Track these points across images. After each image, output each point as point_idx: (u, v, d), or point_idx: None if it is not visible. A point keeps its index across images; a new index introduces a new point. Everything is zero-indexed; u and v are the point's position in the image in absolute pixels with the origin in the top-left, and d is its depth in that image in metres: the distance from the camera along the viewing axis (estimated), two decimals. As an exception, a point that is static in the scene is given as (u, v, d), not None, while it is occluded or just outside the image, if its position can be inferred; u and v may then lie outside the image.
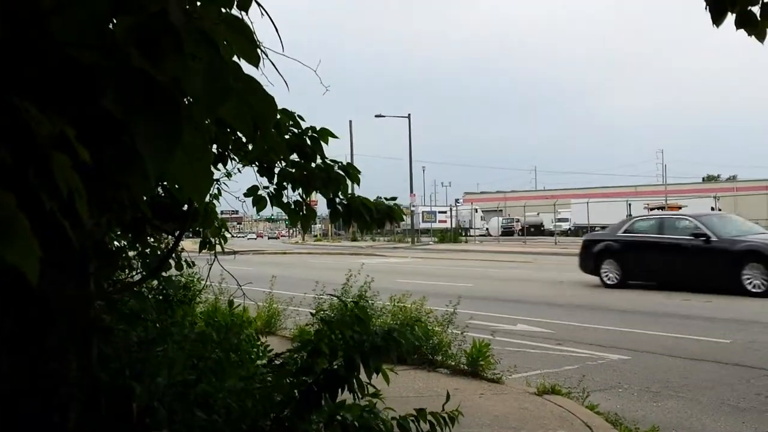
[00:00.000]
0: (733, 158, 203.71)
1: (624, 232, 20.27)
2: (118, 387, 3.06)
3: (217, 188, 4.53)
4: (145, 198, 3.42)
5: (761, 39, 3.83)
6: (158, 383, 3.28)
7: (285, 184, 4.07)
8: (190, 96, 1.32)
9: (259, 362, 4.85)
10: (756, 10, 3.79)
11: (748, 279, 16.72)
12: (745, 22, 3.81)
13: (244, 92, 1.34)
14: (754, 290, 16.50)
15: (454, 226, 63.57)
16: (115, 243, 4.44)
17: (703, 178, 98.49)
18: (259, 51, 1.53)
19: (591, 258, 20.43)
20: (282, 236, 76.14)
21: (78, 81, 1.46)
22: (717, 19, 3.82)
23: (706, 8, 3.81)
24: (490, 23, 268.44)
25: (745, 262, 16.85)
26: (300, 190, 4.05)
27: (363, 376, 3.54)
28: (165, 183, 3.25)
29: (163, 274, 4.66)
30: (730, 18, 3.83)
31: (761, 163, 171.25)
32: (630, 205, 49.60)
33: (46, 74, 1.55)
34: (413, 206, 60.05)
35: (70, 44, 1.40)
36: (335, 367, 3.57)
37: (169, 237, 4.48)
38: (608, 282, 19.62)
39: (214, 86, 1.26)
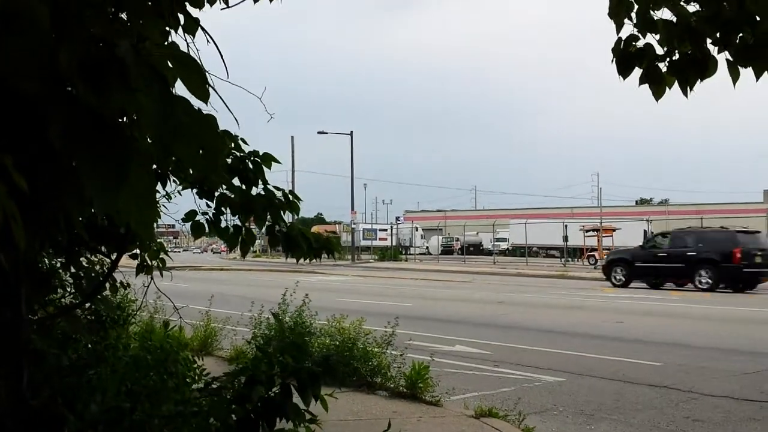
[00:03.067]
0: (665, 183, 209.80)
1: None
2: (50, 415, 2.96)
3: (157, 211, 4.44)
4: (81, 219, 3.34)
5: (657, 96, 3.94)
6: (92, 410, 3.19)
7: (224, 209, 4.01)
8: (141, 132, 1.30)
9: (195, 386, 4.75)
10: (663, 66, 3.89)
11: None
12: (650, 78, 3.92)
13: (194, 128, 1.32)
14: None
15: (394, 244, 63.75)
16: (48, 263, 4.31)
17: (636, 202, 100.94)
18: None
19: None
20: (222, 251, 75.26)
21: (20, 112, 1.41)
22: (623, 73, 3.93)
23: (612, 61, 3.92)
24: (434, 44, 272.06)
25: None
26: (238, 216, 4.00)
27: (301, 403, 3.51)
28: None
29: (97, 296, 4.55)
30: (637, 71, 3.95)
31: (692, 187, 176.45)
32: (566, 226, 50.52)
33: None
34: (354, 223, 60.05)
35: (11, 74, 1.36)
36: (272, 394, 3.52)
37: (104, 258, 4.38)
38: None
39: (164, 123, 1.24)
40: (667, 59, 3.89)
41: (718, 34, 3.73)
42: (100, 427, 3.14)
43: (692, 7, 3.84)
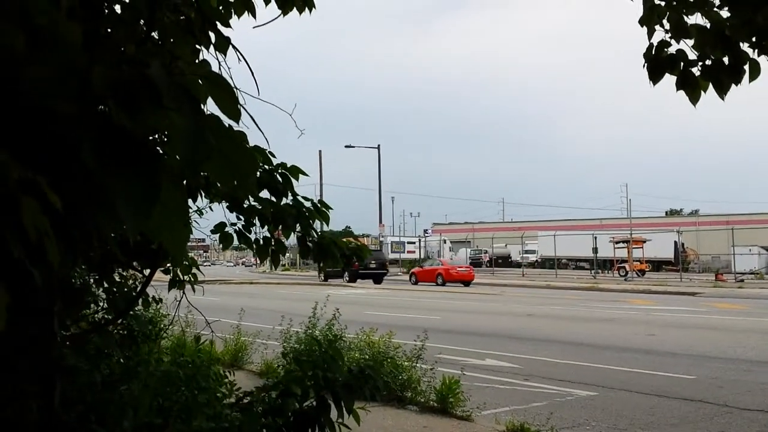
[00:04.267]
0: (695, 193, 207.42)
1: None
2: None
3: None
4: (114, 236, 3.36)
5: (694, 101, 3.91)
6: (124, 427, 3.20)
7: (254, 221, 4.04)
8: (171, 153, 1.30)
9: (226, 401, 4.76)
10: (696, 71, 3.87)
11: None
12: (685, 84, 3.90)
13: (225, 148, 1.32)
14: None
15: (422, 256, 63.63)
16: (81, 279, 4.35)
17: (666, 213, 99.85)
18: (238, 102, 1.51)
19: None
20: (250, 264, 75.68)
21: (54, 131, 1.42)
22: (654, 78, 3.90)
23: (643, 66, 3.90)
24: (457, 57, 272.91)
25: None
26: (267, 227, 4.02)
27: (333, 415, 3.49)
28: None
29: (130, 312, 4.58)
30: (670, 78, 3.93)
31: (723, 198, 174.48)
32: (596, 238, 50.09)
33: (20, 122, 1.52)
34: (382, 236, 60.07)
35: (45, 95, 1.36)
36: (306, 407, 3.51)
37: (137, 273, 4.41)
38: None
39: (195, 143, 1.24)
40: (700, 64, 3.87)
41: (754, 38, 3.69)
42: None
43: (725, 13, 3.81)
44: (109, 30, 2.73)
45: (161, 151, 1.51)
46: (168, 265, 4.30)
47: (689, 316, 20.92)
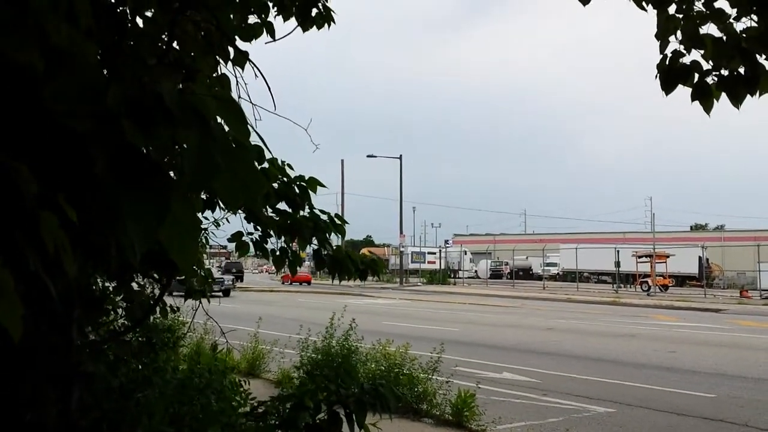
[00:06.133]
0: (720, 208, 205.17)
1: None
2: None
3: (205, 236, 4.53)
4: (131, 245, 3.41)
5: (707, 110, 3.91)
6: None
7: (270, 231, 4.08)
8: (181, 170, 1.33)
9: (241, 410, 4.79)
10: (710, 80, 3.87)
11: None
12: (699, 94, 3.90)
13: (234, 166, 1.35)
14: None
15: (443, 267, 63.52)
16: (101, 287, 4.41)
17: (691, 227, 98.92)
18: (252, 109, 1.54)
19: None
20: (270, 272, 75.95)
21: (70, 148, 1.46)
22: (667, 89, 3.91)
23: (656, 77, 3.90)
24: (479, 67, 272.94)
25: None
26: (284, 239, 4.07)
27: (346, 430, 3.51)
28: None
29: (148, 320, 4.63)
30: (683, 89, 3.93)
31: (748, 213, 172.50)
32: (618, 251, 49.70)
33: (38, 138, 1.56)
34: (403, 246, 60.02)
35: (63, 111, 1.40)
36: (318, 421, 3.53)
37: (155, 282, 4.45)
38: None
39: (202, 162, 1.27)
40: (714, 74, 3.87)
41: None
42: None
43: (741, 25, 3.82)
44: (131, 43, 2.79)
45: (173, 170, 1.54)
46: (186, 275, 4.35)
47: (712, 333, 20.69)
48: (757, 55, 3.79)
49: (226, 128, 1.48)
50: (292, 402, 3.62)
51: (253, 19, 3.68)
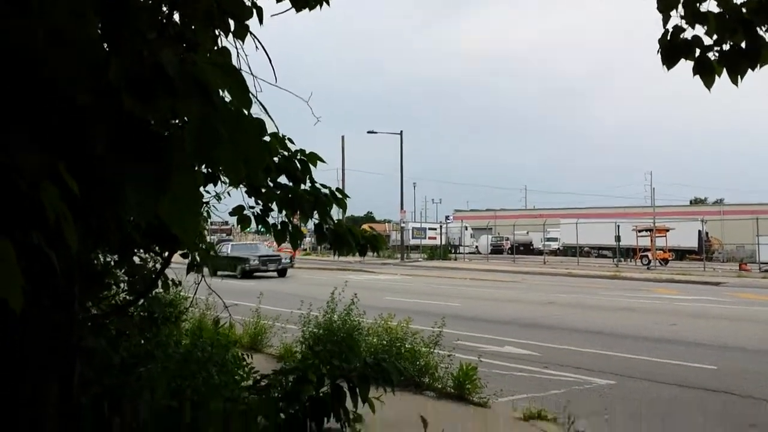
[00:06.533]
0: (721, 182, 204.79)
1: None
2: (98, 416, 3.02)
3: (207, 210, 4.51)
4: (131, 220, 3.40)
5: (708, 85, 3.88)
6: (139, 411, 3.24)
7: (271, 205, 4.07)
8: (181, 143, 1.31)
9: (244, 383, 4.80)
10: (711, 56, 3.83)
11: None
12: (701, 69, 3.86)
13: (236, 138, 1.33)
14: None
15: (443, 243, 63.51)
16: (102, 261, 4.40)
17: (691, 201, 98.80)
18: (253, 80, 1.52)
19: None
20: (270, 246, 76.03)
21: (71, 120, 1.44)
22: (668, 64, 3.88)
23: (658, 52, 3.87)
24: (479, 42, 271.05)
25: None
26: (285, 212, 4.05)
27: (348, 403, 3.52)
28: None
29: (150, 294, 4.62)
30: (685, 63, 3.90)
31: (748, 187, 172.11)
32: (618, 226, 49.68)
33: (39, 110, 1.54)
34: (403, 222, 60.00)
35: (63, 86, 1.38)
36: (321, 394, 3.54)
37: (156, 256, 4.45)
38: None
39: (205, 132, 1.25)
40: (716, 49, 3.84)
41: None
42: (148, 428, 3.19)
43: None
44: (131, 17, 2.75)
45: (174, 141, 1.52)
46: (186, 249, 4.34)
47: (712, 306, 20.74)
48: (758, 28, 3.76)
49: (228, 99, 1.47)
50: (295, 375, 3.63)
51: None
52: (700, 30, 3.85)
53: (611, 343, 13.39)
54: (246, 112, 1.40)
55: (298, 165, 3.99)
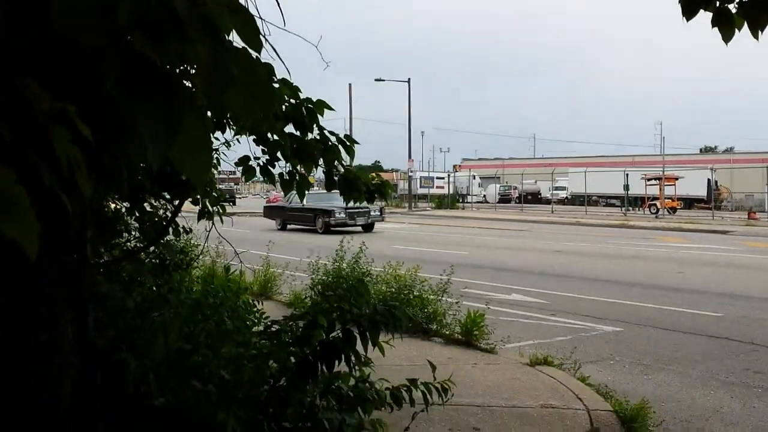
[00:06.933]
0: (731, 131, 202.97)
1: None
2: (114, 357, 3.08)
3: (216, 157, 4.52)
4: (143, 165, 3.42)
5: (726, 39, 3.81)
6: (154, 354, 3.30)
7: (278, 155, 4.06)
8: (193, 83, 1.32)
9: (255, 329, 4.87)
10: (732, 7, 3.76)
11: None
12: (720, 21, 3.80)
13: (247, 81, 1.33)
14: None
15: (451, 192, 63.49)
16: (113, 208, 4.43)
17: (701, 150, 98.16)
18: (261, 24, 1.51)
19: None
20: (279, 199, 76.60)
21: (80, 63, 1.45)
22: (688, 14, 3.81)
23: (678, 2, 3.80)
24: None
25: None
26: (292, 162, 4.05)
27: (359, 347, 3.57)
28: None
29: (161, 240, 4.67)
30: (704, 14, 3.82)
31: (759, 135, 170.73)
32: (627, 175, 49.49)
33: (49, 54, 1.54)
34: (411, 171, 59.92)
35: (72, 27, 1.39)
36: (332, 339, 3.59)
37: (167, 204, 4.48)
38: None
39: (216, 73, 1.26)
40: (736, 1, 3.77)
41: None
42: (162, 369, 3.25)
43: None
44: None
45: (186, 83, 1.53)
46: (197, 196, 4.37)
47: (719, 254, 20.78)
48: None
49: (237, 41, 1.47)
50: (306, 321, 3.68)
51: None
52: None
53: (618, 291, 13.48)
54: (255, 55, 1.40)
55: (305, 113, 3.97)
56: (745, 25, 3.75)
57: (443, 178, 69.93)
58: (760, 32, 3.74)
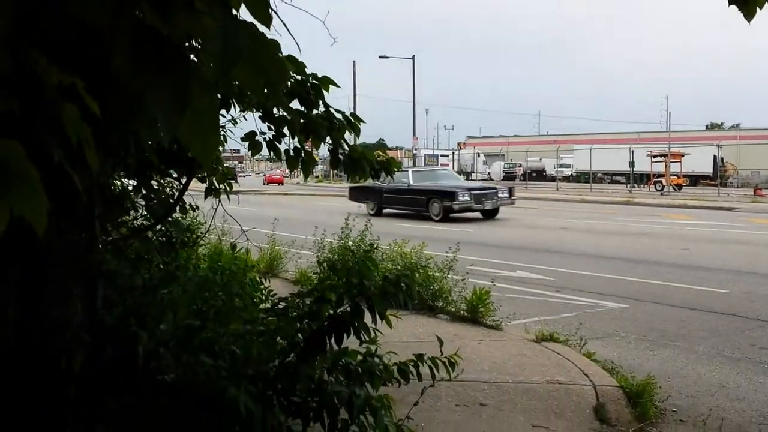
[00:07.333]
0: (738, 107, 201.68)
1: None
2: (124, 333, 3.10)
3: (223, 135, 4.52)
4: (150, 143, 3.42)
5: (749, 17, 3.74)
6: (162, 329, 3.33)
7: (284, 131, 4.06)
8: (203, 56, 1.31)
9: (262, 306, 4.89)
10: None
11: None
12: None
13: (256, 54, 1.33)
14: None
15: (456, 169, 63.40)
16: (120, 185, 4.44)
17: (707, 126, 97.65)
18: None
19: None
20: (284, 177, 76.81)
21: (89, 37, 1.44)
22: None
23: None
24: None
25: None
26: (297, 138, 4.05)
27: (368, 320, 3.58)
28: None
29: (168, 218, 4.68)
30: None
31: (766, 111, 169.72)
32: (633, 151, 49.32)
33: (56, 28, 1.54)
34: (415, 149, 59.85)
35: (77, 2, 1.38)
36: (340, 313, 3.60)
37: (174, 181, 4.48)
38: None
39: (226, 47, 1.25)
40: None
41: None
42: (171, 344, 3.27)
43: None
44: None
45: (195, 59, 1.52)
46: (204, 173, 4.37)
47: (725, 231, 20.75)
48: None
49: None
50: (314, 296, 3.69)
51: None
52: None
53: (624, 268, 13.48)
54: (267, 30, 1.39)
55: (311, 89, 3.96)
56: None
57: (447, 155, 69.85)
58: None
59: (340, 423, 3.31)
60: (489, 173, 71.15)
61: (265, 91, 1.46)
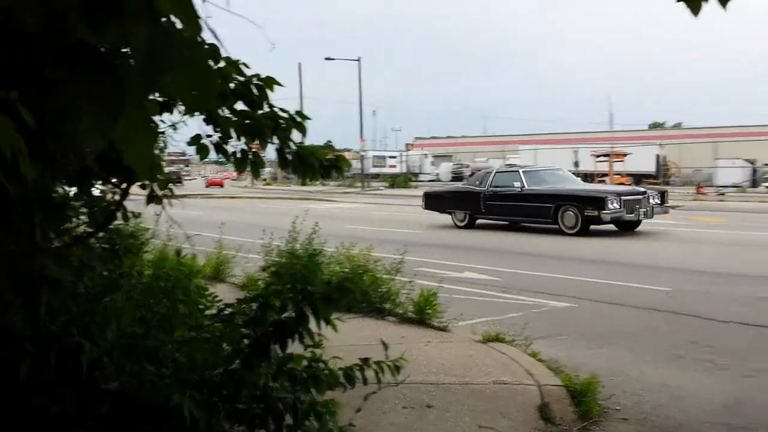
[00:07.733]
0: (680, 107, 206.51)
1: None
2: (67, 342, 3.06)
3: (164, 141, 4.47)
4: (88, 150, 3.38)
5: (695, 11, 3.85)
6: (107, 337, 3.29)
7: (230, 132, 4.04)
8: (131, 67, 1.32)
9: (207, 312, 4.86)
10: None
11: None
12: None
13: (186, 63, 1.33)
14: None
15: (404, 171, 63.66)
16: (61, 193, 4.36)
17: (650, 126, 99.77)
18: (201, 2, 1.51)
19: None
20: (231, 179, 76.29)
21: (20, 48, 1.43)
22: None
23: None
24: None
25: None
26: (245, 139, 4.03)
27: (313, 325, 3.59)
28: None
29: (109, 225, 4.61)
30: None
31: (707, 111, 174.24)
32: (576, 152, 50.13)
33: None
34: (363, 151, 59.91)
35: (9, 10, 1.37)
36: (285, 318, 3.60)
37: (116, 188, 4.42)
38: None
39: (153, 57, 1.25)
40: None
41: None
42: (115, 352, 3.24)
43: None
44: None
45: (125, 66, 1.52)
46: (146, 181, 4.32)
47: (668, 230, 21.19)
48: None
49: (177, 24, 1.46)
50: (259, 302, 3.69)
51: None
52: None
53: (569, 268, 13.70)
54: (197, 39, 1.39)
55: (255, 90, 3.95)
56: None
57: (395, 156, 70.10)
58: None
59: (286, 429, 3.32)
60: (437, 174, 71.57)
61: (197, 99, 1.47)
